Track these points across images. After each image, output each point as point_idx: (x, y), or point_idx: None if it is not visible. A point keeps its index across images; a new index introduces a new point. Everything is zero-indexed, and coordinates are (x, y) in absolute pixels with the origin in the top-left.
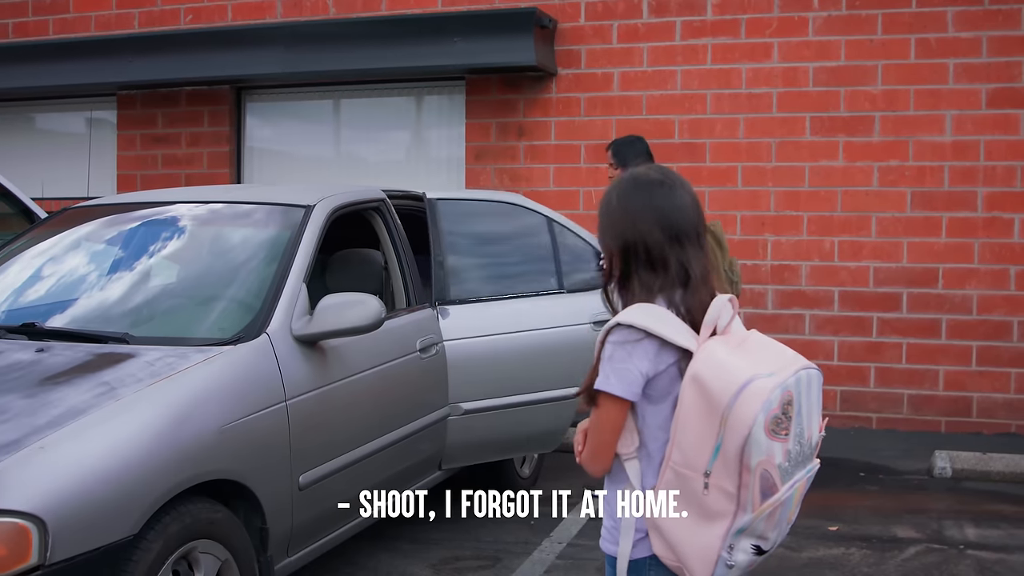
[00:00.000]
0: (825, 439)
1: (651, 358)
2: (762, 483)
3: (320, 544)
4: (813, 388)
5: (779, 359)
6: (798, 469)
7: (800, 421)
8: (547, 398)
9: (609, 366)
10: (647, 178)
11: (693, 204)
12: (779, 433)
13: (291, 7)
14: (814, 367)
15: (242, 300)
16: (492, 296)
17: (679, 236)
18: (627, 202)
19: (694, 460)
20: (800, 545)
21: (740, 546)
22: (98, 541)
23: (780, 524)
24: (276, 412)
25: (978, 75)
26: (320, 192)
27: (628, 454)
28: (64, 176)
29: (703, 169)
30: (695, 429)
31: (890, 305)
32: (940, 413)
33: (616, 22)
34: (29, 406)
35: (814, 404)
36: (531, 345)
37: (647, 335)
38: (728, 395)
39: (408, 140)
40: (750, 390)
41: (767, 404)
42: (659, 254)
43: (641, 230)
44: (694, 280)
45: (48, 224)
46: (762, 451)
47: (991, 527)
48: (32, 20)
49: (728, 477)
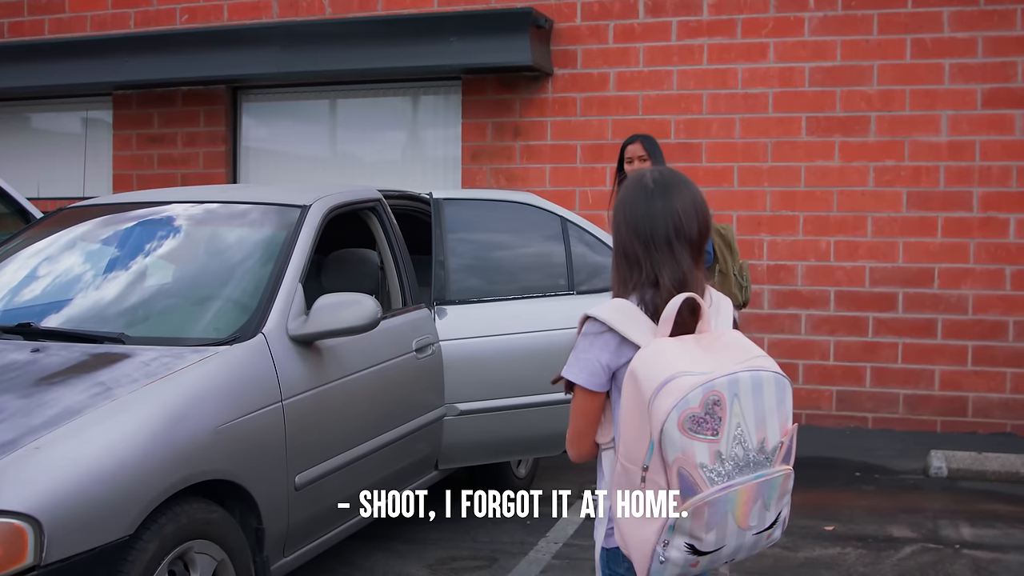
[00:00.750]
0: (820, 439)
1: (611, 351)
2: (680, 481)
3: (316, 544)
4: (765, 391)
5: (731, 359)
6: (741, 473)
7: (742, 423)
8: (545, 401)
9: (573, 355)
10: (639, 182)
11: (668, 213)
12: (701, 432)
13: (287, 7)
14: (770, 370)
15: (238, 300)
16: (493, 297)
17: (647, 243)
18: (618, 201)
19: (633, 454)
20: (796, 545)
21: (674, 543)
22: (94, 541)
23: (718, 526)
24: (272, 412)
25: (974, 75)
26: (316, 192)
27: (605, 444)
28: (60, 176)
29: (699, 169)
30: (632, 423)
31: (886, 305)
32: (936, 413)
33: (612, 22)
34: (25, 406)
35: (768, 408)
36: (531, 347)
37: (608, 329)
38: (651, 390)
39: (404, 140)
40: (669, 386)
41: (683, 401)
42: (633, 256)
43: (620, 232)
44: (663, 285)
45: (44, 224)
46: (677, 448)
47: (987, 527)
48: (28, 20)
49: (660, 473)
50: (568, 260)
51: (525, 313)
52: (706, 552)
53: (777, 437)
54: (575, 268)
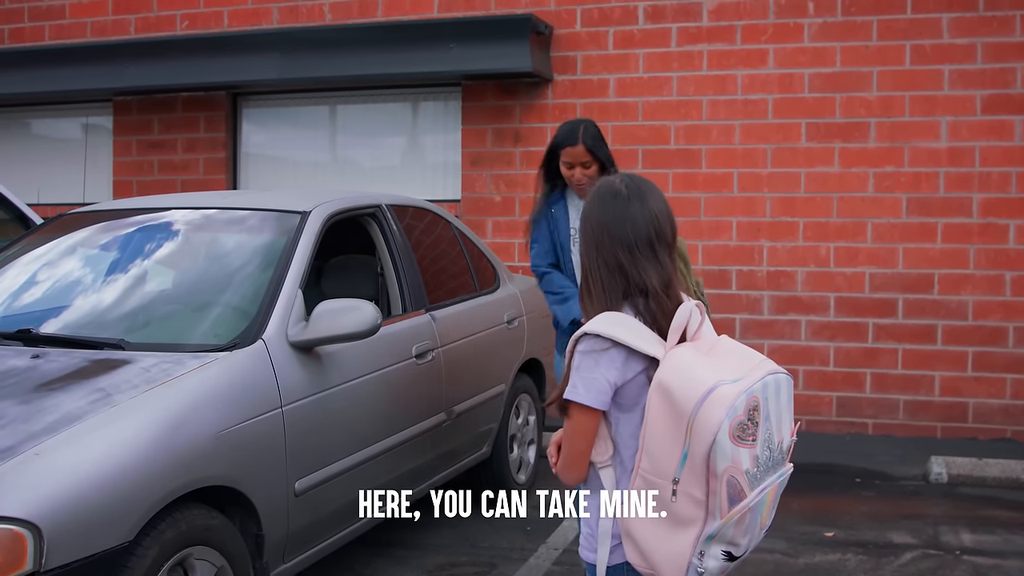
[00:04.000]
0: (821, 445)
1: (618, 367)
2: (729, 489)
3: (316, 550)
4: (782, 393)
5: (745, 364)
6: (768, 474)
7: (768, 426)
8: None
9: (577, 375)
10: (609, 189)
11: (647, 217)
12: (745, 439)
13: (287, 13)
14: (783, 371)
15: (238, 306)
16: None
17: (631, 248)
18: (591, 212)
19: (663, 467)
20: (796, 551)
21: (711, 552)
22: (93, 548)
23: (751, 530)
24: (272, 418)
25: (973, 81)
26: (316, 198)
27: (603, 462)
28: (60, 182)
29: (699, 175)
30: (662, 436)
31: (886, 311)
32: (936, 419)
33: (612, 28)
34: (25, 412)
35: (783, 409)
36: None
37: (614, 344)
38: (693, 402)
39: (404, 146)
40: (714, 396)
41: (732, 410)
42: (616, 264)
43: (599, 239)
44: (651, 289)
45: (44, 230)
46: (728, 457)
47: (987, 533)
48: (28, 26)
49: (696, 484)
50: (469, 262)
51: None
52: (738, 557)
53: (788, 436)
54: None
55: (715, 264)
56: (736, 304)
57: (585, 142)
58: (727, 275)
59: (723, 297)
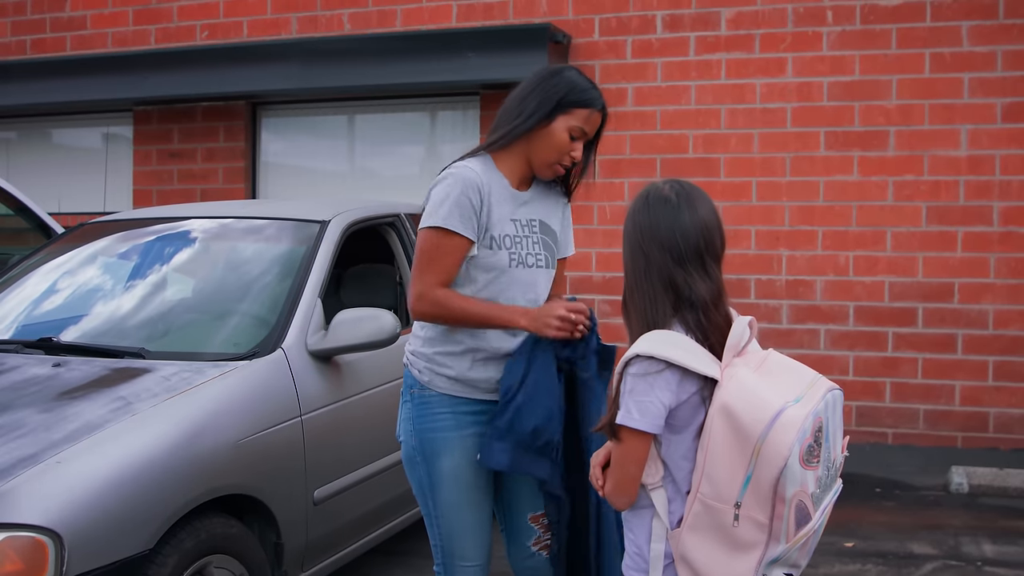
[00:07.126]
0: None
1: (673, 389)
2: (797, 514)
3: (335, 559)
4: (837, 409)
5: (801, 381)
6: (826, 493)
7: (828, 446)
8: None
9: (631, 399)
10: (658, 195)
11: (698, 226)
12: (812, 461)
13: (306, 23)
14: (837, 387)
15: (257, 315)
16: None
17: (681, 260)
18: (638, 219)
19: (724, 492)
20: (816, 562)
21: (772, 575)
22: (113, 555)
23: (812, 550)
24: (291, 427)
25: (993, 89)
26: (335, 207)
27: (654, 483)
28: (80, 191)
29: (717, 184)
30: (726, 461)
31: (905, 320)
32: (956, 428)
33: (630, 37)
34: (46, 421)
35: (838, 425)
36: None
37: (668, 365)
38: (761, 426)
39: (422, 155)
40: (783, 420)
41: (801, 434)
42: (667, 277)
43: (650, 252)
44: (702, 303)
45: (65, 239)
46: (797, 482)
47: (1009, 544)
48: (50, 36)
49: (760, 508)
50: None
51: None
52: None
53: (840, 452)
54: None
55: (734, 273)
56: (755, 313)
57: (605, 113)
58: (746, 284)
59: (742, 306)
